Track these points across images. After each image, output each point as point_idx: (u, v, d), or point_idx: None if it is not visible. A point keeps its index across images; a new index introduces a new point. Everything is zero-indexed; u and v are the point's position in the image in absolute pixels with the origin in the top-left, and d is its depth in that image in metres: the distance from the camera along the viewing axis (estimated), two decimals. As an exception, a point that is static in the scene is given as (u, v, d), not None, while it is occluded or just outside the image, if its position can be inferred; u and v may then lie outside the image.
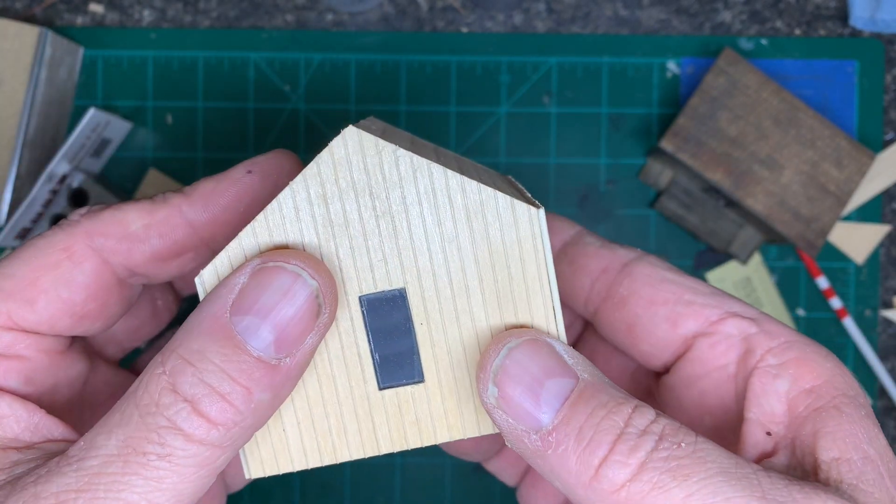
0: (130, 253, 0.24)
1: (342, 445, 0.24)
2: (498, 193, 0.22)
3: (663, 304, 0.25)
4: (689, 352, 0.25)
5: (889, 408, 0.51)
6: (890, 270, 0.51)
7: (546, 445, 0.20)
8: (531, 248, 0.23)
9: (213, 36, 0.51)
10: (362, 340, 0.23)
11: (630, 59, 0.51)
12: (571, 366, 0.21)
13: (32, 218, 0.48)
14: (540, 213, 0.23)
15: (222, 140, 0.51)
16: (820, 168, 0.47)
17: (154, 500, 0.20)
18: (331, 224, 0.22)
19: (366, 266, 0.23)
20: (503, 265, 0.23)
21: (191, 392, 0.20)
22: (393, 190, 0.22)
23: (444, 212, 0.22)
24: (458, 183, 0.22)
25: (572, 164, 0.51)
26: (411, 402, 0.23)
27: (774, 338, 0.24)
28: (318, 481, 0.51)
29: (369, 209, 0.22)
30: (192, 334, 0.21)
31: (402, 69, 0.51)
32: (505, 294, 0.23)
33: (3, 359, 0.24)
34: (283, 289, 0.21)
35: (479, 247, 0.23)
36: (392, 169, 0.22)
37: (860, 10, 0.50)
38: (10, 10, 0.51)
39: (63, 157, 0.47)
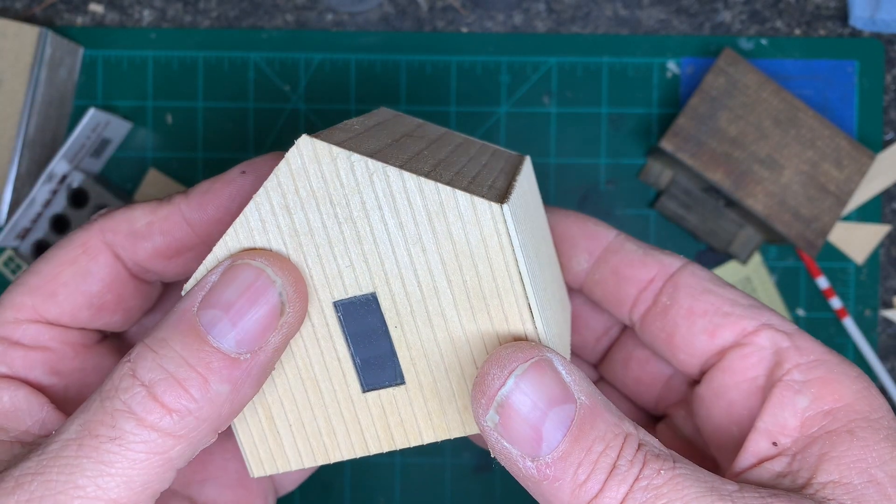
0: (135, 249, 0.25)
1: (333, 446, 0.24)
2: (458, 192, 0.22)
3: (702, 314, 0.26)
4: (721, 361, 0.25)
5: (889, 408, 0.51)
6: (890, 270, 0.51)
7: (542, 476, 0.21)
8: (497, 245, 0.22)
9: (213, 36, 0.51)
10: (341, 345, 0.23)
11: (630, 59, 0.51)
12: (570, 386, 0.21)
13: (32, 218, 0.48)
14: (504, 208, 0.22)
15: (222, 140, 0.51)
16: (820, 168, 0.47)
17: (102, 484, 0.20)
18: (296, 233, 0.22)
19: (335, 273, 0.23)
20: (470, 265, 0.22)
21: (148, 377, 0.20)
22: (352, 196, 0.22)
23: (404, 214, 0.22)
24: (415, 184, 0.22)
25: (572, 164, 0.51)
26: (395, 403, 0.24)
27: (805, 354, 0.24)
28: (318, 481, 0.51)
29: (331, 216, 0.22)
30: (161, 326, 0.21)
31: (402, 69, 0.51)
32: (475, 294, 0.23)
33: (28, 350, 0.25)
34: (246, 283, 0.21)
35: (443, 247, 0.22)
36: (348, 175, 0.22)
37: (860, 11, 0.50)
38: (10, 9, 0.51)
39: (63, 157, 0.47)
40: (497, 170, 0.26)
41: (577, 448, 0.21)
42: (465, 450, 0.51)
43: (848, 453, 0.22)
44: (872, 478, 0.22)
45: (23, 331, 0.25)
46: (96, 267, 0.25)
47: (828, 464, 0.22)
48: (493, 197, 0.22)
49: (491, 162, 0.27)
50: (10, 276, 0.51)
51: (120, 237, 0.25)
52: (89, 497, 0.20)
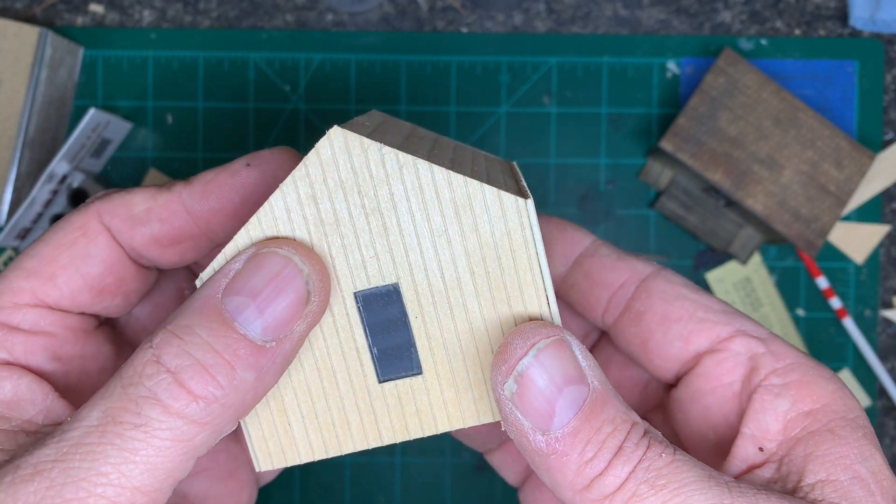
0: (132, 234, 0.25)
1: (346, 437, 0.24)
2: (485, 186, 0.22)
3: (676, 320, 0.26)
4: (697, 367, 0.26)
5: (889, 408, 0.51)
6: (890, 270, 0.51)
7: (550, 450, 0.21)
8: (520, 238, 0.23)
9: (214, 36, 0.51)
10: (360, 335, 0.24)
11: (630, 59, 0.51)
12: (585, 370, 0.22)
13: (32, 218, 0.49)
14: (528, 203, 0.23)
15: (222, 140, 0.51)
16: (820, 168, 0.47)
17: (126, 472, 0.20)
18: (322, 223, 0.23)
19: (358, 263, 0.23)
20: (494, 257, 0.23)
21: (174, 363, 0.20)
22: (380, 187, 0.23)
23: (432, 206, 0.23)
24: (444, 177, 0.22)
25: (572, 164, 0.51)
26: (411, 393, 0.24)
27: (780, 359, 0.25)
28: (318, 481, 0.51)
29: (358, 207, 0.23)
30: (183, 313, 0.21)
31: (403, 69, 0.51)
32: (497, 285, 0.23)
33: (29, 335, 0.24)
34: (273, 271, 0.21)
35: (468, 240, 0.23)
36: (378, 167, 0.22)
37: (860, 11, 0.50)
38: (11, 10, 0.51)
39: (63, 158, 0.48)
40: (499, 171, 0.26)
41: (586, 426, 0.21)
42: (465, 450, 0.51)
43: (831, 451, 0.23)
44: (857, 474, 0.22)
45: (22, 315, 0.24)
46: (95, 249, 0.25)
47: (813, 464, 0.23)
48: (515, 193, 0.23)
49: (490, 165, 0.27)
50: (10, 276, 0.51)
51: (117, 221, 0.25)
52: (113, 484, 0.20)
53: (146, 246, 0.26)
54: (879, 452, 0.23)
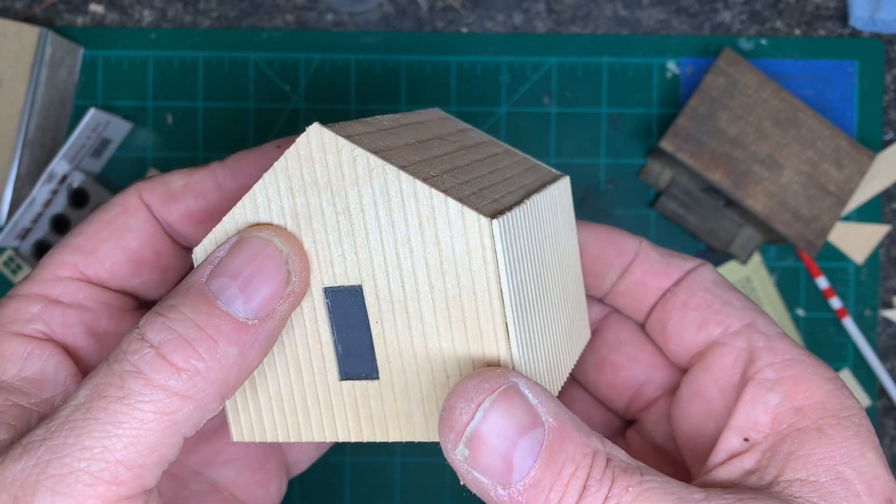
0: (169, 209, 0.27)
1: (306, 426, 0.24)
2: (450, 200, 0.22)
3: (694, 308, 0.26)
4: (702, 360, 0.26)
5: (889, 408, 0.51)
6: (889, 270, 0.51)
7: (514, 503, 0.21)
8: (481, 259, 0.22)
9: (214, 36, 0.51)
10: (325, 330, 0.24)
11: (630, 60, 0.51)
12: (537, 409, 0.21)
13: (32, 218, 0.49)
14: (494, 224, 0.22)
15: (222, 140, 0.51)
16: (820, 168, 0.47)
17: (109, 446, 0.20)
18: (297, 216, 0.23)
19: (328, 259, 0.23)
20: (453, 274, 0.22)
21: (157, 338, 0.21)
22: (351, 188, 0.23)
23: (397, 214, 0.22)
24: (410, 187, 0.22)
25: (572, 164, 0.51)
26: (367, 396, 0.24)
27: (779, 354, 0.25)
28: (318, 481, 0.51)
29: (330, 205, 0.23)
30: (169, 296, 0.22)
31: (402, 69, 0.51)
32: (455, 304, 0.22)
33: (67, 308, 0.25)
34: (254, 253, 0.22)
35: (430, 252, 0.22)
36: (350, 168, 0.22)
37: (860, 11, 0.50)
38: (11, 10, 0.51)
39: (63, 157, 0.48)
40: (518, 185, 0.26)
41: (547, 473, 0.21)
42: (465, 450, 0.51)
43: (816, 451, 0.22)
44: (840, 475, 0.22)
45: (63, 288, 0.25)
46: (135, 223, 0.26)
47: (795, 462, 0.22)
48: (488, 211, 0.22)
49: (518, 177, 0.27)
50: (10, 276, 0.51)
51: (155, 197, 0.26)
52: (96, 459, 0.20)
53: (181, 221, 0.27)
54: (873, 451, 0.23)
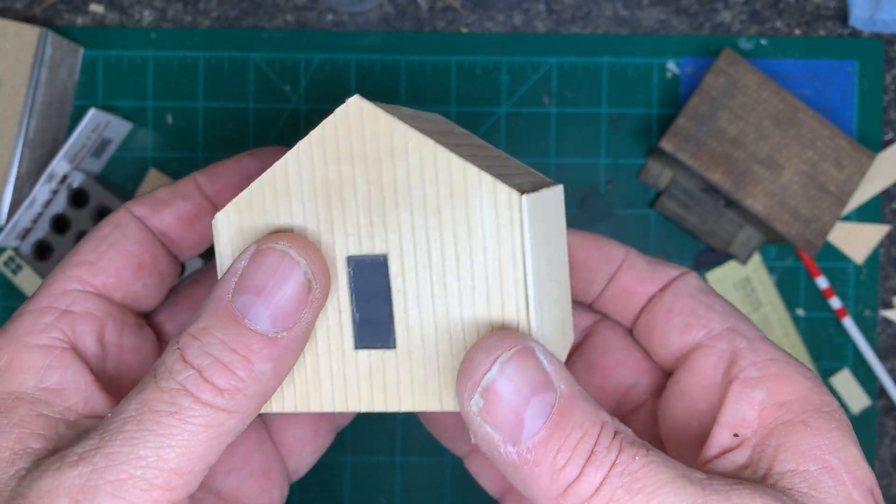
0: (161, 216, 0.28)
1: (315, 396, 0.25)
2: (483, 174, 0.23)
3: (679, 313, 0.27)
4: (686, 362, 0.27)
5: (889, 408, 0.51)
6: (889, 270, 0.51)
7: (523, 461, 0.22)
8: (509, 233, 0.23)
9: (214, 36, 0.51)
10: (345, 299, 0.24)
11: (630, 60, 0.51)
12: (551, 375, 0.22)
13: (33, 218, 0.49)
14: (523, 199, 0.23)
15: (223, 140, 0.51)
16: (820, 168, 0.47)
17: (163, 455, 0.21)
18: (328, 183, 0.24)
19: (355, 228, 0.24)
20: (481, 247, 0.23)
21: (198, 362, 0.22)
22: (386, 159, 0.23)
23: (430, 186, 0.23)
24: (445, 160, 0.23)
25: (572, 164, 0.51)
26: (382, 366, 0.24)
27: (760, 354, 0.26)
28: (318, 481, 0.51)
29: (363, 175, 0.23)
30: (200, 315, 0.23)
31: (402, 69, 0.51)
32: (480, 276, 0.23)
33: (77, 317, 0.26)
34: (273, 267, 0.23)
35: (459, 224, 0.23)
36: (387, 139, 0.23)
37: (860, 11, 0.50)
38: (11, 10, 0.51)
39: (63, 158, 0.48)
40: (527, 181, 0.27)
41: (556, 434, 0.21)
42: (465, 450, 0.51)
43: (803, 442, 0.23)
44: (826, 464, 0.23)
45: (72, 298, 0.26)
46: (130, 232, 0.28)
47: (784, 454, 0.23)
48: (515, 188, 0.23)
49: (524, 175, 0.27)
50: (10, 276, 0.51)
51: (145, 209, 0.28)
52: (151, 467, 0.21)
53: (172, 224, 0.29)
54: (854, 444, 0.24)
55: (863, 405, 0.51)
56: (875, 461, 0.51)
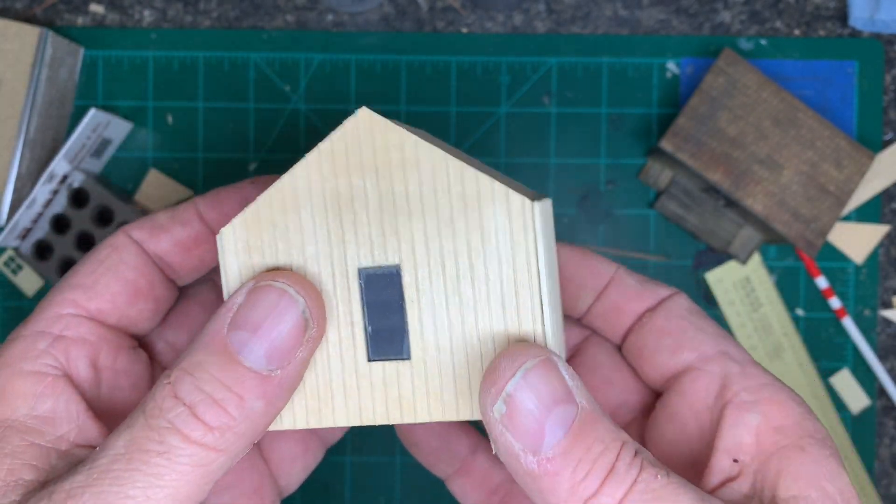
0: (158, 241, 0.28)
1: (328, 411, 0.24)
2: (495, 183, 0.23)
3: (669, 334, 0.28)
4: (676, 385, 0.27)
5: (888, 407, 0.51)
6: (889, 270, 0.51)
7: (542, 470, 0.22)
8: (522, 241, 0.23)
9: (214, 36, 0.51)
10: (357, 311, 0.24)
11: (630, 60, 0.51)
12: (573, 390, 0.22)
13: (33, 218, 0.49)
14: (535, 205, 0.23)
15: (223, 140, 0.51)
16: (819, 168, 0.47)
17: (152, 495, 0.21)
18: (338, 196, 0.23)
19: (366, 240, 0.24)
20: (495, 256, 0.23)
21: (189, 398, 0.22)
22: (397, 171, 0.23)
23: (442, 197, 0.23)
24: (458, 170, 0.23)
25: (572, 164, 0.51)
26: (396, 377, 0.24)
27: (752, 378, 0.26)
28: (319, 481, 0.51)
29: (374, 187, 0.23)
30: (194, 349, 0.23)
31: (403, 69, 0.51)
32: (494, 285, 0.23)
33: (71, 342, 0.26)
34: (271, 305, 0.23)
35: (472, 235, 0.23)
36: (398, 152, 0.23)
37: (859, 11, 0.50)
38: (11, 10, 0.51)
39: (63, 158, 0.48)
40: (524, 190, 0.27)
41: (577, 445, 0.22)
42: (466, 449, 0.51)
43: (803, 468, 0.24)
44: (825, 491, 0.23)
45: (65, 323, 0.26)
46: (127, 256, 0.27)
47: (786, 479, 0.23)
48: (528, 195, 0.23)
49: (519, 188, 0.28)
50: (10, 276, 0.51)
51: (144, 232, 0.28)
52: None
53: (171, 250, 0.28)
54: (845, 472, 0.24)
55: (862, 405, 0.51)
56: (875, 461, 0.51)
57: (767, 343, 0.51)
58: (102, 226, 0.49)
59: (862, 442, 0.51)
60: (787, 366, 0.51)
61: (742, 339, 0.51)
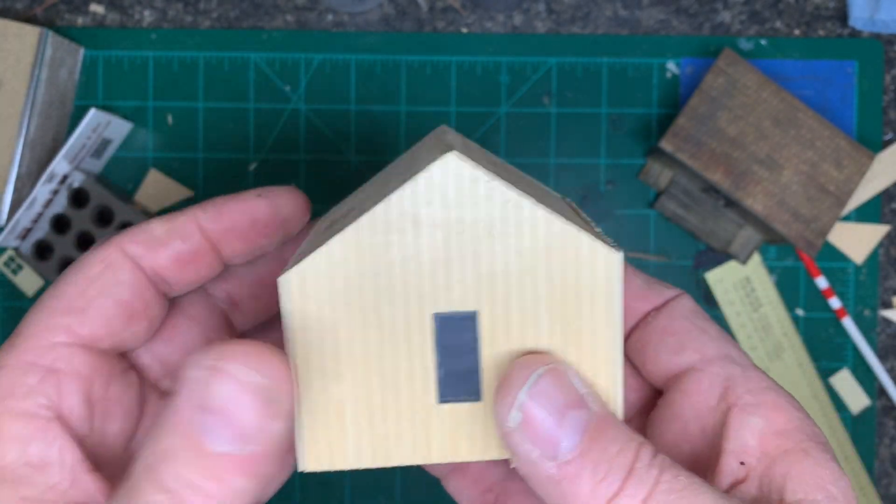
0: (156, 256, 0.27)
1: (396, 450, 0.24)
2: (582, 234, 0.23)
3: (672, 334, 0.28)
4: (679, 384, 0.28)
5: (888, 407, 0.51)
6: (889, 270, 0.52)
7: (562, 474, 0.22)
8: (603, 293, 0.23)
9: (214, 36, 0.51)
10: (429, 355, 0.24)
11: (630, 60, 0.51)
12: (585, 397, 0.23)
13: (33, 218, 0.49)
14: (618, 257, 0.23)
15: (223, 140, 0.51)
16: (819, 168, 0.47)
17: None
18: (420, 239, 0.23)
19: (443, 284, 0.24)
20: (574, 305, 0.23)
21: (170, 485, 0.21)
22: (481, 218, 0.23)
23: (526, 244, 0.23)
24: (544, 218, 0.23)
25: (572, 164, 0.51)
26: (467, 417, 0.24)
27: (754, 382, 0.26)
28: (318, 481, 0.51)
29: (456, 232, 0.23)
30: (163, 431, 0.22)
31: (403, 69, 0.51)
32: (571, 334, 0.24)
33: (64, 376, 0.25)
34: (229, 387, 0.22)
35: (553, 283, 0.23)
36: (486, 200, 0.23)
37: (859, 11, 0.50)
38: (11, 10, 0.51)
39: (64, 158, 0.48)
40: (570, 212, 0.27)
41: (594, 447, 0.22)
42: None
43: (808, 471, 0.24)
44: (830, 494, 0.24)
45: (58, 353, 0.25)
46: (122, 276, 0.26)
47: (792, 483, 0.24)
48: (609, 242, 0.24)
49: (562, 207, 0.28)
50: (10, 276, 0.51)
51: (140, 247, 0.26)
52: None
53: (169, 266, 0.27)
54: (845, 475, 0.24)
55: (862, 405, 0.51)
56: (875, 461, 0.51)
57: (767, 343, 0.51)
58: (103, 226, 0.49)
59: (862, 442, 0.51)
60: (787, 366, 0.51)
61: (742, 339, 0.51)
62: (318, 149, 0.51)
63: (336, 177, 0.51)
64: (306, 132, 0.51)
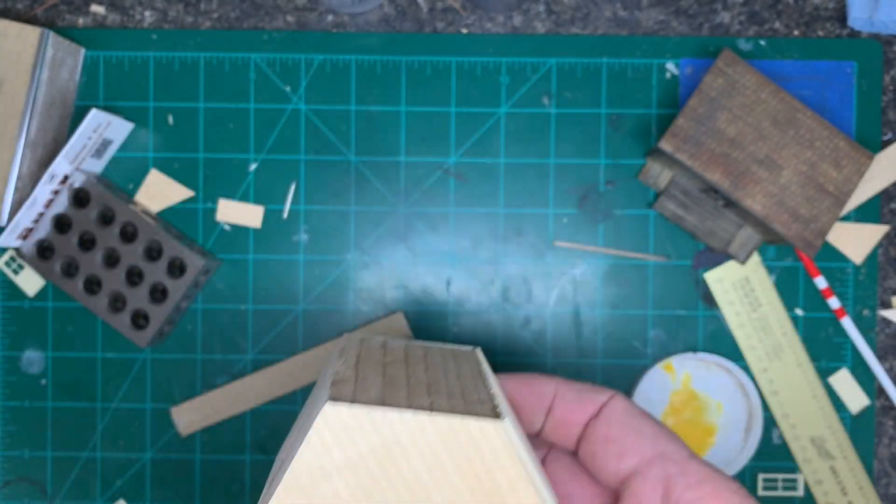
0: None
1: None
2: (467, 418, 0.25)
3: (613, 441, 0.30)
4: (628, 489, 0.30)
5: (887, 407, 0.51)
6: (888, 270, 0.52)
7: None
8: (507, 457, 0.25)
9: (214, 37, 0.51)
10: None
11: (629, 60, 0.51)
12: None
13: (34, 218, 0.49)
14: (503, 423, 0.24)
15: (223, 140, 0.51)
16: (818, 168, 0.48)
17: None
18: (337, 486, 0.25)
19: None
20: (489, 478, 0.25)
21: None
22: (377, 446, 0.25)
23: (426, 451, 0.25)
24: (429, 421, 0.25)
25: (572, 164, 0.51)
26: None
27: (692, 475, 0.28)
28: None
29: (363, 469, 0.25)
30: None
31: (403, 70, 0.51)
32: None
33: None
34: None
35: (462, 467, 0.25)
36: (371, 431, 0.25)
37: (858, 11, 0.50)
38: (12, 10, 0.51)
39: (64, 158, 0.48)
40: (469, 375, 0.29)
41: None
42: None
43: None
44: None
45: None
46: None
47: None
48: (490, 413, 0.25)
49: (460, 369, 0.30)
50: (11, 276, 0.51)
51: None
52: None
53: None
54: None
55: (861, 405, 0.51)
56: (874, 461, 0.51)
57: (766, 343, 0.51)
58: (104, 226, 0.49)
59: (861, 442, 0.51)
60: (786, 366, 0.51)
61: (741, 339, 0.51)
62: (318, 149, 0.51)
63: (336, 177, 0.51)
64: (306, 132, 0.51)
